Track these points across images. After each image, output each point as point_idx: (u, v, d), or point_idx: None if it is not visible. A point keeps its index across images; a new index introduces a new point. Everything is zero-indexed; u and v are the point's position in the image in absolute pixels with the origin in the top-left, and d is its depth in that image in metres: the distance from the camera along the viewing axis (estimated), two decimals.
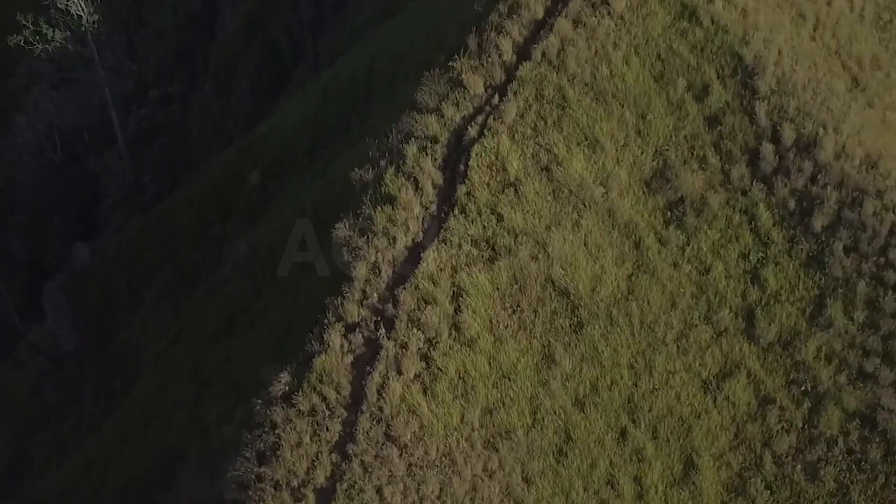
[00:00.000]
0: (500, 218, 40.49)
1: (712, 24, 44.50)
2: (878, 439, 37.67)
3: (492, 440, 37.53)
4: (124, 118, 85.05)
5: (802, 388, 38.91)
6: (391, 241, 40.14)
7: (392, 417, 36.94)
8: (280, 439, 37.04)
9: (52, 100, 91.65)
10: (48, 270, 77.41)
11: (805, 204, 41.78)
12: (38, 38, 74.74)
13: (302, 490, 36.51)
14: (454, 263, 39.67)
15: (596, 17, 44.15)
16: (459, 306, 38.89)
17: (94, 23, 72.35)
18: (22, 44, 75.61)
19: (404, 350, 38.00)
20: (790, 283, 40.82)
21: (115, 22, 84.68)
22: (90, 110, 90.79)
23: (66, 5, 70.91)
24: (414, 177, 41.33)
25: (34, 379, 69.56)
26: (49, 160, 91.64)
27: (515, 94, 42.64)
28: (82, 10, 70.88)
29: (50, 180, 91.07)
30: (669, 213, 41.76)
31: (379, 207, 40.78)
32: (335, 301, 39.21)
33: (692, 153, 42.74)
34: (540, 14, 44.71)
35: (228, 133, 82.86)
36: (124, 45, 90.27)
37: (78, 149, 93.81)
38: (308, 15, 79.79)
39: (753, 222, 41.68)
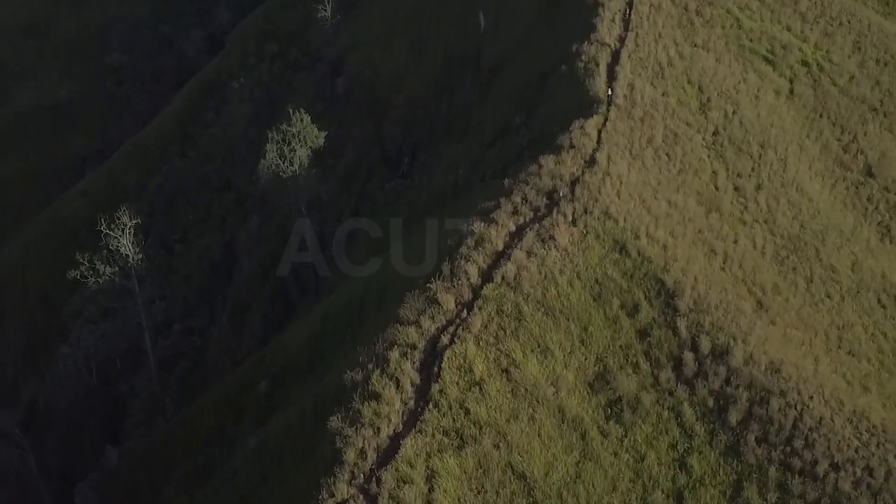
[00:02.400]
0: (467, 412, 41.69)
1: (639, 255, 47.49)
2: None
3: None
4: (152, 346, 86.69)
5: None
6: (376, 431, 41.23)
7: None
8: None
9: (91, 332, 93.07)
10: (78, 475, 76.85)
11: (722, 402, 43.41)
12: (91, 272, 77.83)
13: None
14: (428, 450, 40.62)
15: (545, 249, 47.05)
16: (433, 486, 39.60)
17: (138, 261, 75.80)
18: (78, 277, 78.64)
19: None
20: (712, 469, 41.89)
21: (151, 262, 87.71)
22: (123, 340, 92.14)
23: (117, 247, 74.54)
24: (396, 377, 42.80)
25: None
26: (84, 383, 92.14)
27: (480, 309, 44.80)
28: (130, 250, 74.44)
29: (83, 401, 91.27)
30: (609, 409, 43.09)
31: (366, 403, 42.07)
32: (328, 481, 39.97)
33: (627, 360, 44.64)
34: (500, 247, 47.61)
35: (241, 359, 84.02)
36: (156, 286, 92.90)
37: (110, 373, 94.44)
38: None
39: (680, 418, 43.05)
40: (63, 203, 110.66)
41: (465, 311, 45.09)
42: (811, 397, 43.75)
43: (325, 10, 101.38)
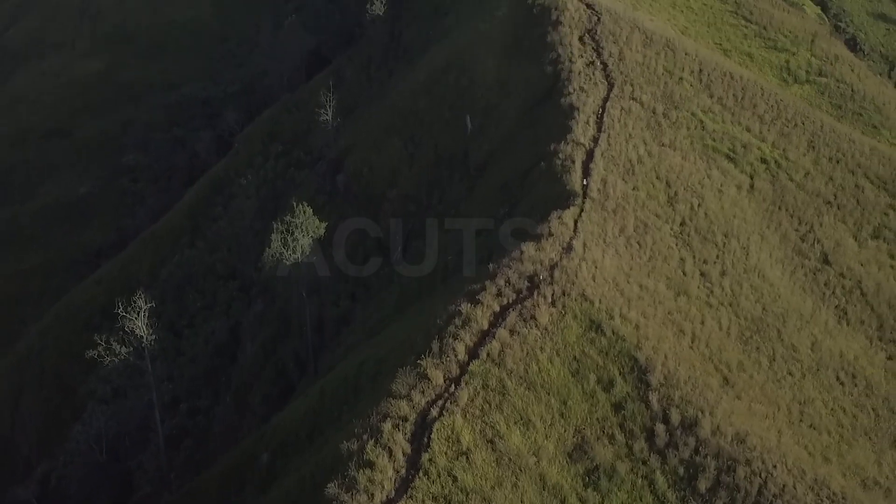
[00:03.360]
0: (454, 479, 41.94)
1: (613, 334, 48.27)
2: None
3: None
4: (160, 423, 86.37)
5: None
6: (370, 497, 41.31)
7: None
8: None
9: (103, 412, 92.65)
10: None
11: (691, 471, 43.82)
12: (108, 352, 78.29)
13: None
14: None
15: (527, 328, 47.83)
16: None
17: (151, 341, 76.36)
18: (96, 357, 79.03)
19: None
20: None
21: (160, 345, 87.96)
22: (132, 419, 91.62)
23: (132, 328, 75.18)
24: (389, 447, 43.07)
25: None
26: (95, 460, 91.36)
27: (467, 384, 45.36)
28: (144, 331, 75.07)
29: (94, 477, 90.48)
30: (587, 478, 43.39)
31: (361, 471, 42.26)
32: None
33: (603, 431, 45.08)
34: (485, 326, 48.38)
35: (244, 437, 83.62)
36: (165, 368, 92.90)
37: (119, 450, 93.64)
38: (312, 341, 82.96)
39: (652, 486, 43.36)
40: (79, 291, 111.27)
41: (452, 385, 45.64)
42: (775, 466, 44.21)
43: (327, 115, 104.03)
